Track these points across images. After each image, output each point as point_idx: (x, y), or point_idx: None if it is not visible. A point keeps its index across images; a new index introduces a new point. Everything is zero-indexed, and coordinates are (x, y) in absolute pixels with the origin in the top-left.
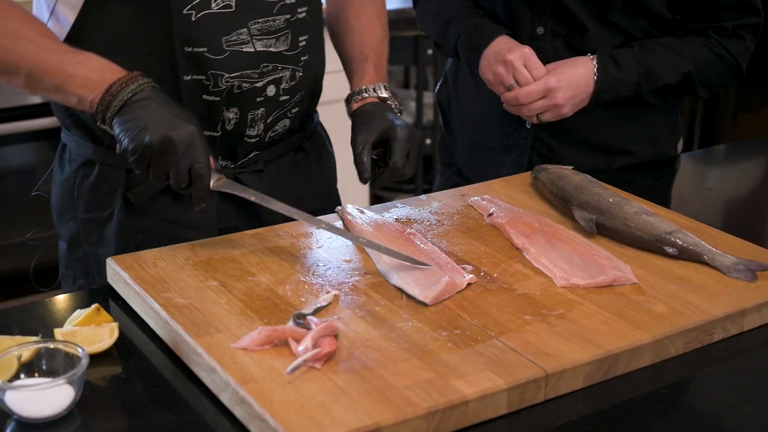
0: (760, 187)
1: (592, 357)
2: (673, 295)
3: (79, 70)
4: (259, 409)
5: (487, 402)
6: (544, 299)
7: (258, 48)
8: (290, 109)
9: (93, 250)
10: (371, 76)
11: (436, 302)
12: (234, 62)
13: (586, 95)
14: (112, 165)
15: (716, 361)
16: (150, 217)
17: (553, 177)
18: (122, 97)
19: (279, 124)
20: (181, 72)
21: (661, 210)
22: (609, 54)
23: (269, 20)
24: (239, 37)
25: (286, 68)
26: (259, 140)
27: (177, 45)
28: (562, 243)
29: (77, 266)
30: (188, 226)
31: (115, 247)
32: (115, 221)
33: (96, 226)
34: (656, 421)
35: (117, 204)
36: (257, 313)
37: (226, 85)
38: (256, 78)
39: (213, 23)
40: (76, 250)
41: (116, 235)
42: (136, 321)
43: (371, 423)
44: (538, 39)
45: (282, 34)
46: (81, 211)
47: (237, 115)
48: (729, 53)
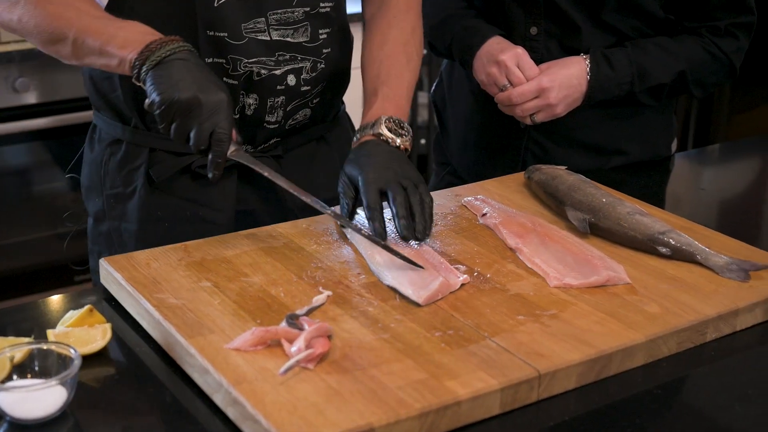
0: (753, 187)
1: (584, 357)
2: (666, 295)
3: (122, 32)
4: (252, 409)
5: (480, 402)
6: (537, 299)
7: (274, 37)
8: (311, 99)
9: (116, 225)
10: (375, 110)
11: (429, 302)
12: (251, 49)
13: (579, 95)
14: (138, 144)
15: (709, 361)
16: (170, 195)
17: (547, 177)
18: (160, 54)
19: (299, 113)
20: (203, 54)
21: (655, 210)
22: (602, 53)
23: (288, 11)
24: (256, 25)
25: (306, 59)
26: (278, 127)
27: (200, 28)
28: (555, 243)
29: (102, 240)
30: (207, 205)
31: (136, 223)
32: (137, 197)
33: (119, 202)
34: (649, 421)
35: (140, 181)
36: (250, 313)
37: (244, 70)
38: (272, 66)
39: (233, 10)
40: (100, 224)
41: (138, 210)
42: (129, 322)
43: (364, 423)
44: (532, 39)
45: (301, 26)
46: (107, 188)
47: (256, 101)
48: (722, 52)
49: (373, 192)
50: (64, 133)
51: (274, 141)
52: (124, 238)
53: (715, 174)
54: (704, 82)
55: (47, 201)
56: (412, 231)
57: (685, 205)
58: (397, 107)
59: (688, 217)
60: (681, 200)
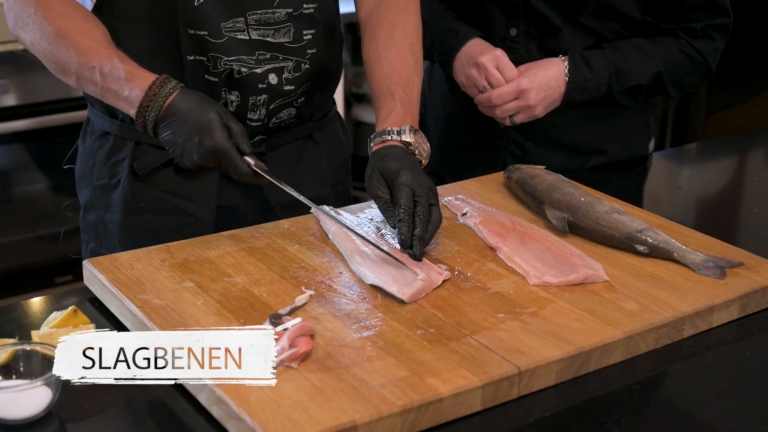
0: (730, 185)
1: (564, 354)
2: (643, 293)
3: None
4: (236, 408)
5: (461, 399)
6: (517, 297)
7: (253, 37)
8: (296, 98)
9: (101, 215)
10: (397, 116)
11: (413, 300)
12: (231, 47)
13: (558, 96)
14: (124, 137)
15: (686, 357)
16: (153, 188)
17: (526, 177)
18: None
19: (283, 112)
20: (185, 52)
21: (632, 209)
22: (580, 55)
23: (269, 12)
24: (236, 24)
25: (288, 59)
26: (261, 125)
27: (181, 27)
28: (534, 242)
29: (90, 230)
30: (188, 198)
31: (120, 214)
32: (121, 189)
33: (105, 193)
34: (627, 417)
35: (124, 173)
36: (233, 313)
37: (225, 67)
38: (253, 64)
39: (213, 9)
40: (88, 214)
41: (122, 201)
42: (113, 322)
43: (347, 421)
44: (511, 40)
45: (283, 27)
46: (94, 179)
47: (238, 98)
48: (699, 53)
49: (409, 198)
50: (44, 135)
51: (258, 138)
52: (109, 228)
53: (693, 173)
54: (681, 83)
55: (28, 203)
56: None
57: (663, 204)
58: (413, 117)
59: (665, 215)
60: (659, 199)
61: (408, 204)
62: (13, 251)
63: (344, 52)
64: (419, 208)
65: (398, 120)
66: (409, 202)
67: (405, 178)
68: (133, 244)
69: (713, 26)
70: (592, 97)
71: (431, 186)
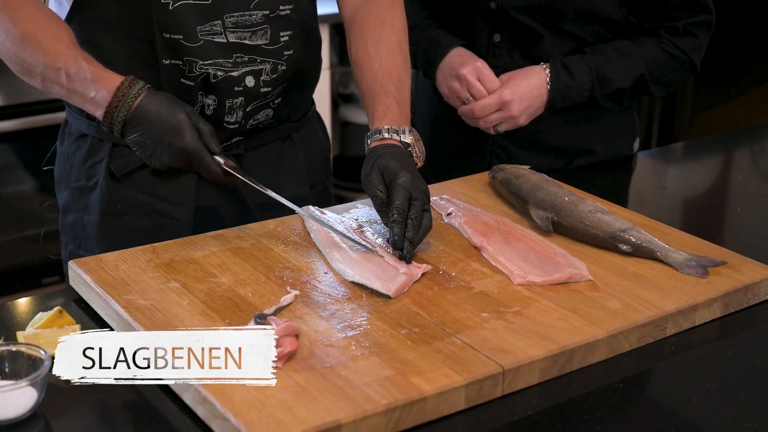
0: (714, 184)
1: (547, 353)
2: (626, 292)
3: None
4: (221, 408)
5: (445, 398)
6: (501, 297)
7: (231, 39)
8: (273, 100)
9: (80, 217)
10: (395, 115)
11: (398, 294)
12: (207, 51)
13: (540, 104)
14: (101, 138)
15: (669, 356)
16: (131, 189)
17: (510, 176)
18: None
19: (260, 114)
20: (161, 56)
21: (616, 208)
22: (561, 62)
23: (245, 14)
24: (213, 28)
25: (266, 61)
26: (239, 127)
27: (156, 31)
28: (519, 241)
29: (69, 231)
30: (166, 200)
31: (98, 215)
32: (98, 190)
33: (83, 194)
34: (611, 415)
35: (101, 175)
36: (219, 313)
37: (200, 71)
38: (229, 67)
39: (188, 13)
40: (67, 216)
41: (99, 203)
42: (98, 323)
43: (332, 420)
44: (495, 46)
45: (260, 29)
46: (72, 180)
47: (215, 102)
48: (681, 51)
49: (407, 199)
50: (31, 135)
51: (236, 140)
52: (87, 230)
53: (678, 172)
54: (664, 81)
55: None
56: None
57: (648, 204)
58: (406, 118)
59: (650, 215)
60: (644, 198)
61: (403, 206)
62: (0, 251)
63: (331, 53)
64: (413, 211)
65: (396, 119)
66: (405, 204)
67: (403, 180)
68: (111, 245)
69: (695, 23)
70: (575, 103)
71: (427, 191)
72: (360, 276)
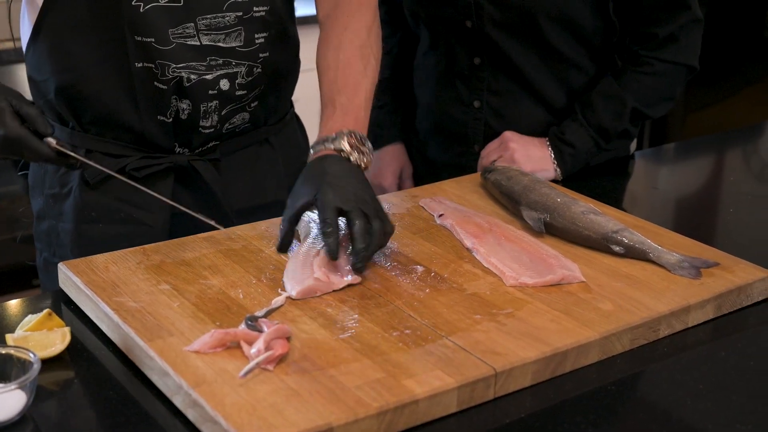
0: (706, 185)
1: (540, 355)
2: (619, 293)
3: None
4: (212, 411)
5: (437, 401)
6: (493, 298)
7: (204, 42)
8: (249, 103)
9: (54, 224)
10: (335, 123)
11: (303, 297)
12: (180, 54)
13: (550, 173)
14: (75, 144)
15: (662, 357)
16: (105, 196)
17: (503, 177)
18: None
19: (236, 117)
20: (133, 59)
21: (609, 209)
22: (557, 136)
23: (218, 16)
24: (185, 30)
25: (241, 64)
26: (215, 131)
27: (128, 34)
28: (511, 243)
29: (43, 239)
30: (141, 207)
31: (72, 223)
32: (72, 198)
33: (57, 201)
34: (603, 417)
35: (75, 182)
36: (209, 316)
37: (173, 75)
38: (203, 71)
39: (160, 16)
40: (42, 223)
41: (73, 210)
42: (88, 325)
43: (323, 423)
44: (476, 68)
45: (233, 31)
46: (46, 187)
47: (190, 107)
48: (666, 62)
49: (331, 211)
50: None
51: (212, 144)
52: (62, 238)
53: (670, 173)
54: (661, 100)
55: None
56: (364, 261)
57: (641, 204)
58: (356, 120)
59: (643, 216)
60: (636, 199)
61: (328, 217)
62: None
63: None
64: (351, 218)
65: (335, 127)
66: (330, 216)
67: (324, 197)
68: (86, 253)
69: (676, 27)
70: (587, 162)
71: (363, 196)
72: (285, 272)
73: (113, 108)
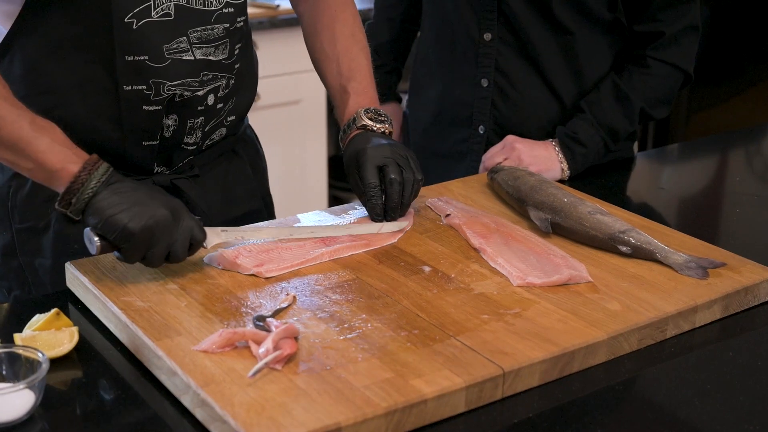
0: (711, 185)
1: (548, 355)
2: (626, 293)
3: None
4: (220, 410)
5: (445, 400)
6: (500, 298)
7: (197, 56)
8: (226, 117)
9: (29, 261)
10: (352, 107)
11: (215, 264)
12: (175, 70)
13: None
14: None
15: (669, 357)
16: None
17: (509, 177)
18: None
19: (216, 133)
20: (122, 81)
21: (615, 209)
22: (567, 135)
23: (208, 29)
24: (179, 45)
25: (223, 77)
26: (196, 148)
27: (118, 53)
28: (518, 243)
29: (12, 276)
30: None
31: (51, 258)
32: (51, 231)
33: (32, 236)
34: (611, 417)
35: (54, 214)
36: (217, 315)
37: (168, 93)
38: (196, 86)
39: (154, 31)
40: (10, 260)
41: (53, 244)
42: (96, 325)
43: (331, 423)
44: (486, 45)
45: (221, 43)
46: (16, 222)
47: (176, 122)
48: (669, 64)
49: (371, 169)
50: None
51: (188, 160)
52: (39, 274)
53: (675, 173)
54: (663, 102)
55: None
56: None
57: (646, 205)
58: (370, 99)
59: (648, 216)
60: (641, 199)
61: (371, 179)
62: None
63: None
64: (388, 174)
65: (352, 110)
66: (373, 177)
67: (363, 158)
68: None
69: (679, 31)
70: (595, 163)
71: (396, 151)
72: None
73: (96, 134)
